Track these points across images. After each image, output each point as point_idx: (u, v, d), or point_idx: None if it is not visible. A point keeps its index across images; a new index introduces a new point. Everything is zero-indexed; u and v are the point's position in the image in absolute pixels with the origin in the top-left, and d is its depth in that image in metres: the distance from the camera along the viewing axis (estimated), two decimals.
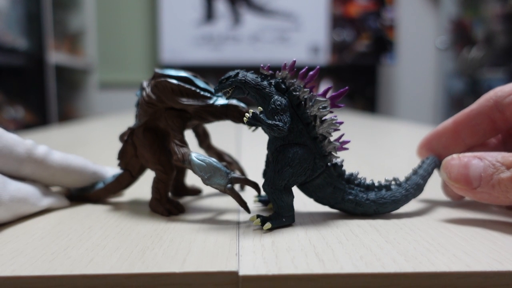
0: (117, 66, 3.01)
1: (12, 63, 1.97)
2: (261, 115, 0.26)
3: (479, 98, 0.30)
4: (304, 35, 2.86)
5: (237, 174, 0.28)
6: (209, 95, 0.29)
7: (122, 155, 0.32)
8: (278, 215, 0.26)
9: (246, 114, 0.26)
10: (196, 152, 0.28)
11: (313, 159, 0.27)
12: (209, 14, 2.85)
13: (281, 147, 0.27)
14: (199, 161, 0.27)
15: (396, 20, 2.88)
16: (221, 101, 0.29)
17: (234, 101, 0.30)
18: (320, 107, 0.27)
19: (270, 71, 0.27)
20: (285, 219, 0.26)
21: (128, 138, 0.31)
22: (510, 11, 2.36)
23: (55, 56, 2.21)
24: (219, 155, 0.34)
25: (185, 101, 0.29)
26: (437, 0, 2.97)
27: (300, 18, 2.86)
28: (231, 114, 0.29)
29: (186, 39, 2.84)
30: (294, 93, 0.27)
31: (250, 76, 0.27)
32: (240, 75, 0.27)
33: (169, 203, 0.30)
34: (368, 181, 0.29)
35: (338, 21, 2.88)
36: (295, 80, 0.27)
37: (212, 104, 0.29)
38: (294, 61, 0.27)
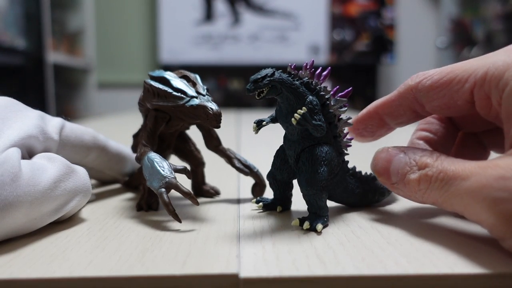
0: (116, 66, 3.00)
1: (10, 62, 1.97)
2: (307, 115, 0.25)
3: (400, 86, 0.28)
4: (303, 34, 2.86)
5: (179, 183, 0.27)
6: (180, 95, 0.28)
7: (134, 150, 0.34)
8: (318, 216, 0.26)
9: (296, 115, 0.25)
10: (154, 154, 0.28)
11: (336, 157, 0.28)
12: (209, 14, 2.85)
13: (311, 147, 0.27)
14: (146, 162, 0.28)
15: (396, 19, 2.88)
16: (195, 101, 0.28)
17: (206, 102, 0.28)
18: (339, 106, 0.27)
19: (295, 71, 0.27)
20: (326, 219, 0.27)
21: (136, 134, 0.34)
22: (510, 11, 2.36)
23: (54, 56, 2.21)
24: (229, 158, 0.33)
25: (155, 101, 0.29)
26: (437, 0, 2.97)
27: (299, 18, 2.86)
28: (199, 114, 0.28)
29: (186, 38, 2.84)
30: (320, 93, 0.27)
31: (284, 75, 0.26)
32: (276, 74, 0.26)
33: (147, 199, 0.30)
34: (366, 174, 0.31)
35: (337, 20, 2.88)
36: (315, 80, 0.27)
37: (183, 105, 0.28)
38: (313, 61, 0.27)
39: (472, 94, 0.24)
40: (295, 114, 0.25)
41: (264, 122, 0.28)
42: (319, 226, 0.25)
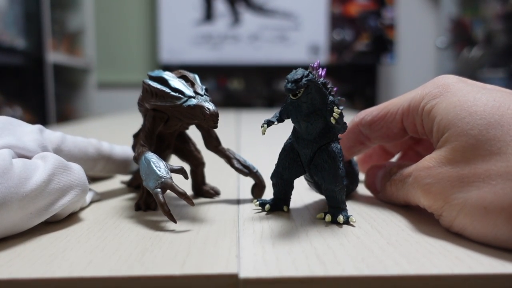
0: (116, 66, 3.00)
1: (10, 62, 1.97)
2: None
3: (348, 123, 0.33)
4: (303, 34, 2.86)
5: (174, 183, 0.27)
6: (178, 95, 0.28)
7: (134, 150, 0.34)
8: (342, 210, 0.27)
9: (335, 114, 0.26)
10: (151, 154, 0.28)
11: None
12: (209, 14, 2.85)
13: (326, 145, 0.27)
14: (143, 162, 0.28)
15: (396, 19, 2.88)
16: (192, 101, 0.28)
17: (204, 102, 0.28)
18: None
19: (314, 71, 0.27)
20: (347, 211, 0.28)
21: (137, 133, 0.33)
22: (510, 11, 2.36)
23: (54, 56, 2.20)
24: (228, 159, 0.33)
25: (154, 101, 0.29)
26: (437, 0, 2.97)
27: (299, 18, 2.86)
28: (196, 114, 0.28)
29: (186, 38, 2.84)
30: (331, 93, 0.28)
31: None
32: (310, 74, 0.26)
33: (145, 199, 0.30)
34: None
35: (337, 20, 2.88)
36: (327, 80, 0.28)
37: (180, 105, 0.28)
38: (319, 62, 0.27)
39: (402, 122, 0.30)
40: (334, 114, 0.26)
41: (276, 123, 0.28)
42: (353, 219, 0.27)
